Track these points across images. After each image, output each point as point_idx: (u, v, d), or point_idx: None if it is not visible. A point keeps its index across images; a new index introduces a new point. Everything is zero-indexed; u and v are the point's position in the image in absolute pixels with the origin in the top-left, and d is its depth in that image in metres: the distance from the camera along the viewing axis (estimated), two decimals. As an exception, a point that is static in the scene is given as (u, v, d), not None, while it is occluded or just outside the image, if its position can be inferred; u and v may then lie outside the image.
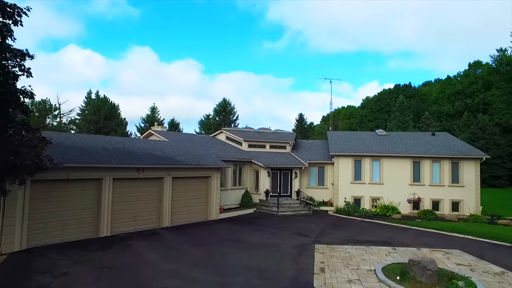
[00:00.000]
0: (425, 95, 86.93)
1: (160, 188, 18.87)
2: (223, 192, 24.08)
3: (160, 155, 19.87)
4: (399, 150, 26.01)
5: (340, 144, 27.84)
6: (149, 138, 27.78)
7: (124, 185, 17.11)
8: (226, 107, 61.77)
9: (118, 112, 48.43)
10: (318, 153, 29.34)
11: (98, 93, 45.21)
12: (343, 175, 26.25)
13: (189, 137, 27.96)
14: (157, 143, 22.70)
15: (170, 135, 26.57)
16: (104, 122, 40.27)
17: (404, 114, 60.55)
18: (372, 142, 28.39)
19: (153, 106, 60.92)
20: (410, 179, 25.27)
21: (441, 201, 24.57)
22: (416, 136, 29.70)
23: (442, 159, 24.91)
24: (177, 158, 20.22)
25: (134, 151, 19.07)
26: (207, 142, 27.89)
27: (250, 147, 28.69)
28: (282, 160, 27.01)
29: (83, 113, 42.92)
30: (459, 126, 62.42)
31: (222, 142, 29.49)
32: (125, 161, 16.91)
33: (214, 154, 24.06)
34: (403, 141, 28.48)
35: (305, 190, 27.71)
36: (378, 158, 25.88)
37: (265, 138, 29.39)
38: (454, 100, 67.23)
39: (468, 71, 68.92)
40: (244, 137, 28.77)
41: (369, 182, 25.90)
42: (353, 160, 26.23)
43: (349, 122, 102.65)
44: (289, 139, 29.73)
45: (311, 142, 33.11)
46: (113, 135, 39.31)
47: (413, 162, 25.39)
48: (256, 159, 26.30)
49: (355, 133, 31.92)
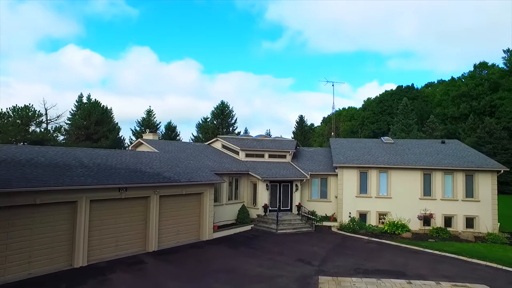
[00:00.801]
0: (428, 97, 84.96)
1: (145, 208, 16.96)
2: (218, 208, 22.18)
3: (146, 170, 17.94)
4: (408, 161, 24.09)
5: (344, 154, 25.92)
6: (139, 147, 25.87)
7: (103, 207, 15.19)
8: (224, 110, 59.86)
9: (111, 115, 46.45)
10: (320, 162, 27.43)
11: (90, 96, 43.28)
12: (348, 188, 24.33)
13: (182, 146, 26.05)
14: (145, 155, 20.78)
15: (161, 144, 24.65)
16: (95, 128, 38.20)
17: (408, 117, 58.61)
18: (378, 151, 26.48)
19: (149, 109, 58.96)
20: (420, 192, 23.35)
21: (454, 217, 22.65)
22: (425, 145, 27.77)
23: (455, 171, 22.98)
24: (165, 174, 18.29)
25: (117, 167, 17.14)
26: (201, 151, 25.97)
27: (247, 157, 26.78)
28: (282, 172, 25.09)
29: (74, 118, 40.89)
30: (464, 130, 60.47)
31: (218, 151, 27.57)
32: (105, 180, 14.99)
33: (207, 167, 22.14)
34: (412, 150, 26.56)
35: (306, 203, 25.82)
36: (385, 170, 23.96)
37: (264, 146, 27.48)
38: (459, 103, 65.32)
39: (473, 72, 66.98)
40: (241, 145, 26.85)
41: (376, 196, 23.98)
42: (359, 171, 24.31)
43: (350, 124, 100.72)
44: (289, 148, 27.81)
45: (312, 150, 31.20)
46: (104, 141, 37.36)
47: (423, 174, 23.46)
48: (254, 171, 24.38)
49: (360, 141, 30.01)
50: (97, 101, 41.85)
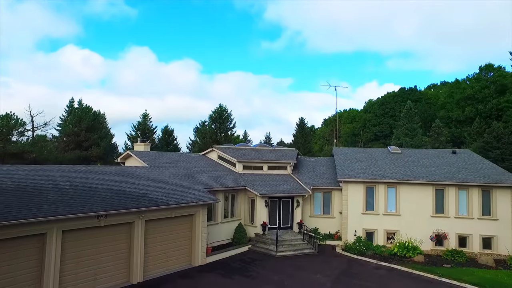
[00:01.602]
0: (431, 99, 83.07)
1: (129, 235, 15.13)
2: (212, 227, 20.38)
3: (131, 191, 16.11)
4: (419, 175, 22.26)
5: (349, 167, 24.09)
6: (128, 160, 24.07)
7: (79, 237, 13.37)
8: (222, 114, 57.96)
9: (104, 120, 44.56)
10: (323, 175, 25.60)
11: (81, 101, 41.23)
12: (353, 204, 22.51)
13: (174, 158, 24.21)
14: (132, 172, 18.95)
15: (152, 157, 22.82)
16: (86, 135, 36.23)
17: (412, 121, 56.66)
18: (385, 163, 24.66)
19: (145, 113, 56.89)
20: (432, 209, 21.53)
21: (470, 237, 20.82)
22: (435, 155, 25.94)
23: (470, 187, 21.15)
24: (153, 194, 16.46)
25: (97, 188, 15.32)
26: (195, 164, 24.15)
27: (245, 169, 24.96)
28: (282, 186, 23.27)
29: (64, 124, 38.94)
30: (470, 134, 58.57)
31: (213, 162, 25.75)
32: (80, 207, 13.15)
33: (201, 183, 20.33)
34: (421, 161, 24.73)
35: (308, 219, 24.02)
36: (394, 185, 22.13)
37: (262, 158, 25.65)
38: (464, 106, 63.39)
39: (478, 74, 65.08)
40: (237, 157, 25.03)
41: (384, 213, 22.16)
42: (365, 186, 22.48)
43: (352, 126, 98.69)
44: (290, 159, 25.98)
45: (314, 160, 29.37)
46: (95, 149, 35.37)
47: (435, 190, 21.64)
48: (252, 186, 22.56)
49: (365, 151, 28.18)
50: (88, 106, 39.90)
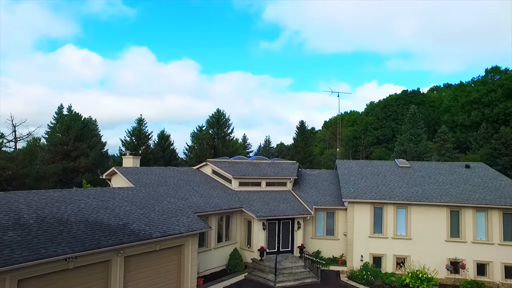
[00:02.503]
0: (434, 102, 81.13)
1: (106, 274, 13.20)
2: (204, 254, 18.47)
3: (110, 222, 14.16)
4: (431, 195, 20.31)
5: (354, 184, 22.15)
6: (113, 177, 22.15)
7: (43, 283, 11.43)
8: (220, 118, 56.02)
9: (96, 127, 42.60)
10: (326, 191, 23.67)
11: (71, 107, 39.07)
12: (359, 226, 20.58)
13: (164, 175, 22.24)
14: (114, 195, 16.98)
15: (139, 175, 20.84)
16: (74, 144, 34.19)
17: (416, 126, 54.62)
18: (394, 179, 22.74)
19: (140, 118, 55.02)
20: (446, 233, 19.59)
21: (490, 264, 18.88)
22: (447, 170, 23.99)
23: (490, 209, 19.21)
24: (134, 225, 14.51)
25: (69, 220, 13.37)
26: (187, 181, 22.20)
27: (241, 186, 23.03)
28: (281, 207, 21.32)
29: (51, 133, 36.89)
30: (476, 139, 56.61)
31: (207, 178, 23.81)
32: (43, 249, 11.20)
33: (192, 205, 18.39)
34: (432, 177, 22.80)
35: (310, 240, 22.12)
36: (404, 206, 20.20)
37: (260, 173, 23.70)
38: (469, 110, 61.42)
39: (485, 77, 63.10)
40: (233, 173, 23.08)
41: (393, 237, 20.22)
42: (372, 207, 20.55)
43: (353, 129, 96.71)
44: (290, 174, 24.04)
45: (316, 173, 27.40)
46: (83, 160, 33.22)
47: (450, 212, 19.70)
48: (248, 207, 20.62)
49: (371, 164, 26.21)
50: (77, 113, 37.74)
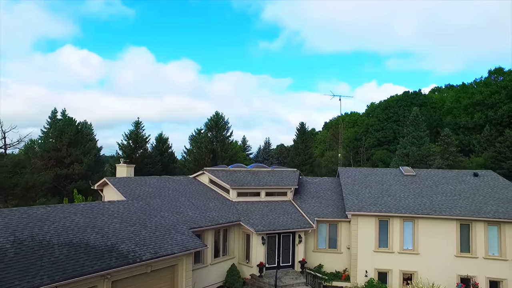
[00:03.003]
0: (436, 103, 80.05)
1: (91, 302, 12.17)
2: (200, 270, 17.46)
3: (97, 243, 13.12)
4: (439, 206, 19.29)
5: (358, 194, 21.13)
6: (105, 188, 21.13)
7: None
8: (218, 121, 55.00)
9: (91, 132, 41.50)
10: (328, 202, 22.64)
11: (65, 112, 37.90)
12: (364, 239, 19.56)
13: (159, 185, 21.18)
14: (104, 211, 15.93)
15: (132, 186, 19.77)
16: (68, 150, 33.12)
17: (418, 129, 53.62)
18: (399, 189, 21.73)
19: (137, 121, 54.03)
20: (456, 248, 18.56)
21: (503, 282, 17.84)
22: (455, 178, 22.95)
23: (503, 223, 18.19)
24: (123, 245, 13.48)
25: (51, 242, 12.33)
26: (183, 191, 21.17)
27: (239, 196, 22.02)
28: (281, 219, 20.30)
29: (45, 138, 35.79)
30: (479, 142, 55.58)
31: (204, 187, 22.80)
32: (17, 280, 10.16)
33: (187, 221, 17.37)
34: (440, 187, 21.79)
35: (311, 254, 21.09)
36: (411, 219, 19.18)
37: (260, 182, 22.67)
38: (473, 112, 60.33)
39: (488, 79, 62.04)
40: (231, 183, 22.05)
41: (399, 251, 19.20)
42: (377, 220, 19.54)
43: (354, 130, 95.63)
44: (291, 184, 23.00)
45: (318, 181, 26.35)
46: (77, 167, 32.08)
47: (460, 225, 18.68)
48: (247, 220, 19.60)
49: (375, 172, 25.17)
50: (71, 118, 36.65)
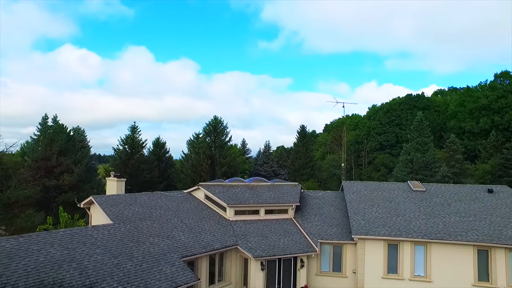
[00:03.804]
0: (439, 107, 78.42)
1: None
2: (193, 302, 15.87)
3: (72, 283, 11.58)
4: (454, 228, 17.78)
5: (364, 214, 19.61)
6: (92, 206, 19.57)
7: None
8: (217, 126, 53.53)
9: (84, 138, 39.94)
10: (332, 220, 21.12)
11: (56, 118, 36.11)
12: (371, 265, 18.04)
13: (150, 203, 19.64)
14: (85, 239, 14.37)
15: (120, 206, 18.20)
16: (58, 159, 31.52)
17: (423, 135, 52.00)
18: (408, 207, 20.23)
19: (134, 125, 52.52)
20: (473, 276, 17.05)
21: (524, 315, 16.37)
22: (467, 195, 21.45)
23: (524, 249, 16.70)
24: (104, 285, 11.93)
25: (16, 286, 10.79)
26: (176, 210, 19.65)
27: (237, 214, 20.53)
28: (282, 242, 18.77)
29: (34, 146, 34.22)
30: (485, 148, 54.02)
31: (199, 204, 21.28)
32: None
33: (179, 247, 15.85)
34: (452, 205, 20.28)
35: (314, 277, 19.57)
36: (423, 243, 17.65)
37: (259, 199, 21.16)
38: (478, 116, 58.73)
39: (494, 82, 60.48)
40: (228, 200, 20.53)
41: (410, 278, 17.68)
42: (386, 244, 18.01)
43: (355, 133, 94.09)
44: (292, 200, 21.49)
45: (321, 195, 24.80)
46: (67, 177, 30.29)
47: (477, 251, 17.16)
48: (245, 243, 18.08)
49: (381, 186, 23.62)
50: (62, 125, 34.92)
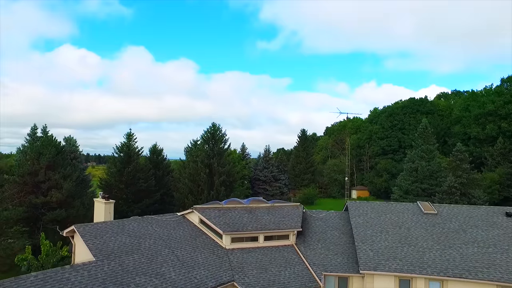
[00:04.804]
0: (443, 111, 76.85)
1: None
2: None
3: None
4: (473, 262, 16.21)
5: (372, 243, 18.03)
6: (75, 235, 17.95)
7: None
8: (215, 134, 51.85)
9: (76, 148, 38.21)
10: (336, 246, 19.55)
11: (46, 128, 34.10)
12: (381, 302, 16.45)
13: (139, 231, 18.03)
14: (62, 283, 12.78)
15: (105, 237, 16.57)
16: (46, 174, 29.72)
17: (428, 142, 50.45)
18: (420, 234, 18.68)
19: (129, 132, 50.92)
20: (494, 317, 15.47)
21: None
22: (483, 219, 19.91)
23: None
24: None
25: None
26: (167, 239, 18.05)
27: (234, 242, 18.99)
28: (283, 275, 17.17)
29: (23, 159, 32.51)
30: (492, 155, 52.50)
31: (193, 230, 19.71)
32: None
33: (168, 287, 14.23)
34: (468, 232, 18.73)
35: (318, 311, 17.94)
36: (438, 280, 16.06)
37: (258, 225, 19.59)
38: (484, 122, 57.15)
39: (500, 87, 58.90)
40: (225, 227, 18.95)
41: (424, 317, 16.10)
42: (397, 280, 16.41)
43: (357, 137, 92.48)
44: (293, 225, 19.93)
45: (324, 216, 23.19)
46: (55, 194, 28.37)
47: (498, 289, 15.59)
48: (242, 279, 16.48)
49: (389, 208, 22.00)
50: (51, 137, 33.01)
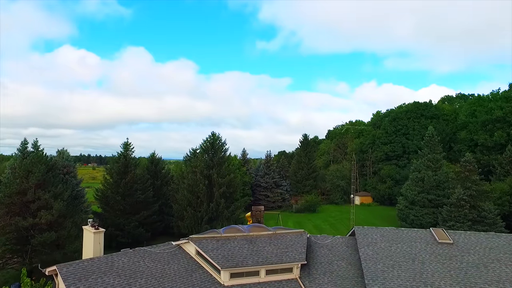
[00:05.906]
0: (448, 115, 75.13)
1: None
2: None
3: None
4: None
5: (384, 282, 16.40)
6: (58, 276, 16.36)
7: None
8: (214, 143, 50.33)
9: (70, 162, 36.66)
10: (343, 281, 17.98)
11: (37, 143, 32.32)
12: None
13: (130, 271, 16.40)
14: None
15: (92, 277, 15.01)
16: (36, 193, 28.01)
17: (434, 151, 48.83)
18: (437, 269, 17.10)
19: (126, 142, 49.54)
20: None
21: None
22: (505, 250, 18.37)
23: None
24: None
25: None
26: (160, 277, 16.47)
27: (233, 278, 17.41)
28: (286, 320, 15.61)
29: (12, 176, 30.90)
30: (501, 163, 50.78)
31: (188, 263, 18.14)
32: None
33: None
34: (489, 267, 17.16)
35: None
36: (460, 327, 14.48)
37: (259, 258, 18.00)
38: (492, 129, 55.44)
39: (508, 92, 57.18)
40: (223, 261, 17.36)
41: None
42: (414, 326, 14.84)
43: (359, 141, 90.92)
44: (298, 257, 18.34)
45: (329, 242, 21.56)
46: (45, 215, 26.60)
47: None
48: (241, 326, 14.90)
49: (401, 236, 20.37)
50: (42, 153, 31.13)
